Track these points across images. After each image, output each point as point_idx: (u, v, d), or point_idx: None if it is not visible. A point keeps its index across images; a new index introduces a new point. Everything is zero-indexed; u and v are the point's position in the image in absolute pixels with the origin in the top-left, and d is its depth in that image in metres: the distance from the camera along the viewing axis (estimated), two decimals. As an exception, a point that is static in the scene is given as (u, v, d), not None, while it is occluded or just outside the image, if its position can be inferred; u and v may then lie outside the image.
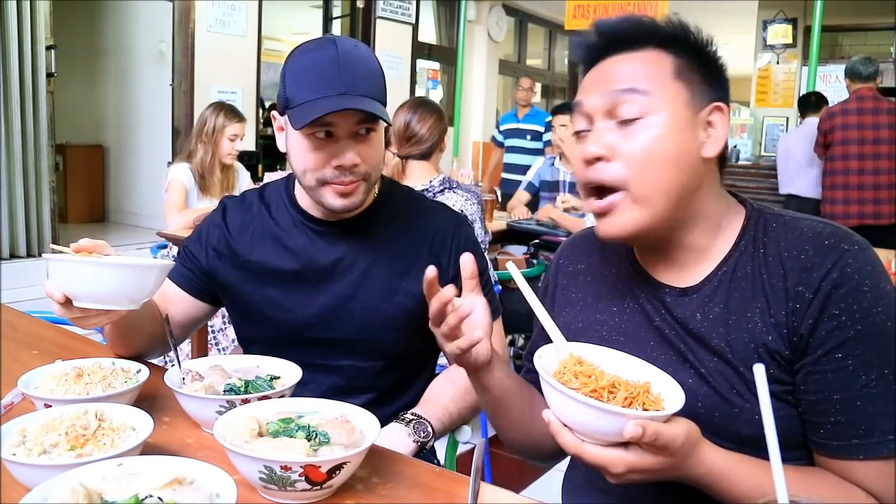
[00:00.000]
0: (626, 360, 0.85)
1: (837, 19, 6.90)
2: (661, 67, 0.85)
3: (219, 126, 3.14)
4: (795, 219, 0.88)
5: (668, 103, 0.84)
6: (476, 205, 2.48)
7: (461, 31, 5.61)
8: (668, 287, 0.91)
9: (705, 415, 0.86)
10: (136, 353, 1.21)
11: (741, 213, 0.91)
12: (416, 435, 1.13)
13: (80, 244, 1.00)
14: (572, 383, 0.77)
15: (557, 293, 1.05)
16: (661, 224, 0.86)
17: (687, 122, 0.85)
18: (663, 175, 0.83)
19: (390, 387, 1.26)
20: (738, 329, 0.85)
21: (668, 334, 0.90)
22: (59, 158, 5.19)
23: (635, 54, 0.87)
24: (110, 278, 0.95)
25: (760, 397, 0.64)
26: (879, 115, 4.11)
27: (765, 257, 0.86)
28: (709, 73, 0.88)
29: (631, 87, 0.84)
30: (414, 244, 1.23)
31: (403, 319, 1.22)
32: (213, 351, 2.83)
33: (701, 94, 0.87)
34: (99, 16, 5.66)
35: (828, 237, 0.84)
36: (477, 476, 0.77)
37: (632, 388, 0.77)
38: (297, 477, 0.75)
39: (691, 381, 0.87)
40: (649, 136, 0.83)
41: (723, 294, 0.87)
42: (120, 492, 0.69)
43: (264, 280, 1.24)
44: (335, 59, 1.09)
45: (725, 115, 0.88)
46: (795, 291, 0.82)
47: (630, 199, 0.84)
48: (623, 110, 0.84)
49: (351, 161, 1.11)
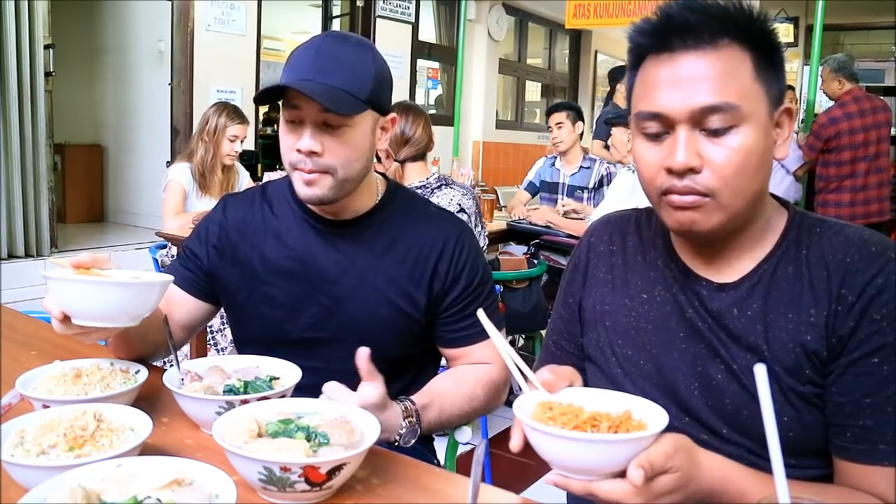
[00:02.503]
0: (603, 394, 0.84)
1: (839, 18, 6.89)
2: (742, 70, 0.81)
3: (220, 126, 3.15)
4: (840, 224, 0.89)
5: (754, 111, 0.81)
6: (471, 200, 2.58)
7: (461, 30, 5.61)
8: (706, 281, 0.91)
9: (732, 412, 0.86)
10: (139, 357, 1.20)
11: (784, 215, 0.91)
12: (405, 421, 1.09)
13: (80, 260, 0.98)
14: (552, 425, 0.75)
15: (588, 272, 1.04)
16: (735, 223, 0.86)
17: (768, 128, 0.83)
18: (750, 184, 0.83)
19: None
20: (776, 328, 0.85)
21: (700, 327, 0.90)
22: (58, 158, 5.17)
23: (712, 52, 0.81)
24: (109, 297, 0.94)
25: (761, 397, 0.64)
26: (877, 114, 4.21)
27: (807, 259, 0.86)
28: (776, 66, 0.84)
29: (724, 100, 0.80)
30: (415, 248, 1.23)
31: (401, 323, 1.22)
32: (212, 351, 2.83)
33: (775, 93, 0.84)
34: (97, 15, 5.65)
35: (875, 244, 0.84)
36: (477, 477, 0.77)
37: (613, 418, 0.77)
38: (297, 478, 0.75)
39: (720, 377, 0.88)
40: (739, 149, 0.81)
41: (761, 292, 0.87)
42: (119, 493, 0.68)
43: (263, 277, 1.23)
44: (316, 49, 1.12)
45: (792, 117, 0.87)
46: (839, 294, 0.82)
47: (715, 204, 0.83)
48: (712, 122, 0.80)
49: (307, 147, 1.11)
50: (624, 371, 0.96)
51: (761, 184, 0.85)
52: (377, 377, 1.01)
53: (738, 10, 0.82)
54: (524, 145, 8.15)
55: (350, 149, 1.14)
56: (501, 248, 3.72)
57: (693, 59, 0.81)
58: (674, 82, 0.82)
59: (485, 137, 7.57)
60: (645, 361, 0.94)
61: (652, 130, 0.84)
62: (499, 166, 7.72)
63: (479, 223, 2.64)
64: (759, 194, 0.86)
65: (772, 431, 0.62)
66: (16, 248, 4.10)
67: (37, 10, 4.08)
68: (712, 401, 0.89)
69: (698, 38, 0.81)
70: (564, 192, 3.83)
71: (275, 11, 6.66)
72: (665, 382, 0.92)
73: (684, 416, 0.91)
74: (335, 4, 6.71)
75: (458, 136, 5.63)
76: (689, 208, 0.83)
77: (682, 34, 0.82)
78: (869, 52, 8.53)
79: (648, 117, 0.84)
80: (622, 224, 1.04)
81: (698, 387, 0.90)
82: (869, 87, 4.81)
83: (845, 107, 4.23)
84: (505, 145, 7.89)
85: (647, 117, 0.84)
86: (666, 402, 0.89)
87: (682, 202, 0.83)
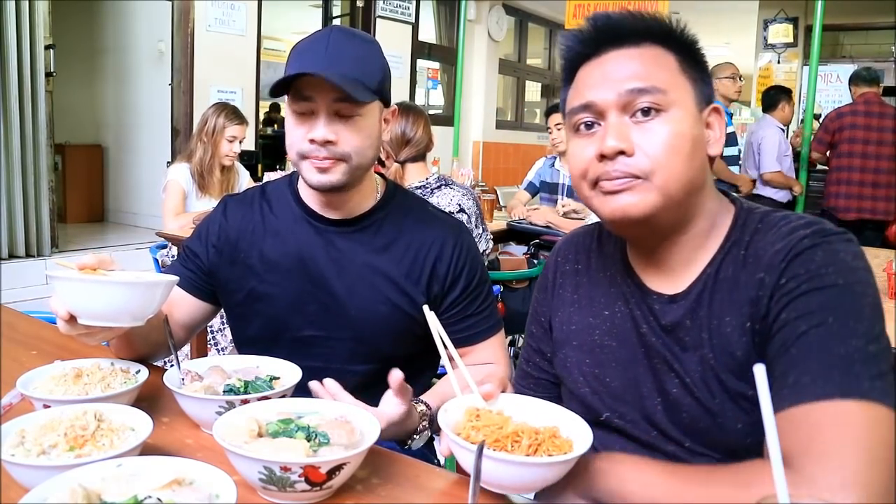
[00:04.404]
0: (537, 405, 0.87)
1: (838, 18, 6.89)
2: (666, 63, 0.86)
3: (219, 127, 3.15)
4: (777, 217, 0.86)
5: (681, 99, 0.84)
6: (471, 200, 2.59)
7: (461, 30, 5.61)
8: (657, 294, 0.90)
9: (689, 425, 0.85)
10: (140, 357, 1.20)
11: (731, 214, 0.90)
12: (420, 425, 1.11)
13: (85, 261, 0.99)
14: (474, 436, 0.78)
15: (554, 292, 1.04)
16: (673, 213, 0.85)
17: (697, 119, 0.85)
18: (684, 169, 0.83)
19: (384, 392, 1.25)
20: (718, 334, 0.83)
21: (653, 342, 0.89)
22: (58, 158, 5.18)
23: (636, 49, 0.86)
24: (114, 296, 0.95)
25: (760, 397, 0.63)
26: (884, 118, 4.51)
27: (745, 259, 0.84)
28: (700, 72, 0.88)
29: (650, 84, 0.83)
30: (413, 248, 1.23)
31: (399, 322, 1.22)
32: (212, 351, 2.83)
33: (700, 92, 0.87)
34: (98, 15, 5.65)
35: (800, 228, 0.82)
36: (477, 476, 0.77)
37: (537, 434, 0.78)
38: (297, 478, 0.75)
39: (676, 392, 0.86)
40: (669, 131, 0.82)
41: (706, 298, 0.86)
42: (119, 492, 0.68)
43: (262, 275, 1.24)
44: (326, 40, 1.12)
45: (722, 117, 0.89)
46: (758, 280, 0.81)
47: (648, 185, 0.83)
48: (640, 103, 0.83)
49: (322, 136, 1.11)
50: (592, 390, 0.95)
51: (697, 173, 0.84)
52: (407, 394, 1.02)
53: (658, 20, 0.88)
54: (524, 145, 8.15)
55: (363, 136, 1.15)
56: (501, 248, 3.72)
57: (619, 56, 0.86)
58: (602, 76, 0.86)
59: (485, 137, 7.57)
60: (612, 379, 0.93)
61: (583, 121, 0.87)
62: (499, 166, 7.72)
63: (480, 224, 2.63)
64: (695, 184, 0.85)
65: (772, 432, 0.62)
66: (16, 248, 4.10)
67: (37, 11, 4.08)
68: (672, 414, 0.87)
69: (623, 40, 0.87)
70: (564, 193, 3.83)
71: (275, 11, 6.66)
72: (633, 398, 0.91)
73: (652, 429, 0.89)
74: (335, 5, 6.72)
75: (458, 136, 5.63)
76: (621, 191, 0.84)
77: (609, 38, 0.87)
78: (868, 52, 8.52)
79: (580, 109, 0.87)
80: (585, 240, 1.04)
81: (660, 401, 0.88)
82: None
83: (855, 105, 4.59)
84: (505, 145, 7.90)
85: (578, 110, 0.87)
86: (636, 418, 0.90)
87: (612, 187, 0.84)
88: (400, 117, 2.56)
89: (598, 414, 0.94)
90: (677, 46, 0.87)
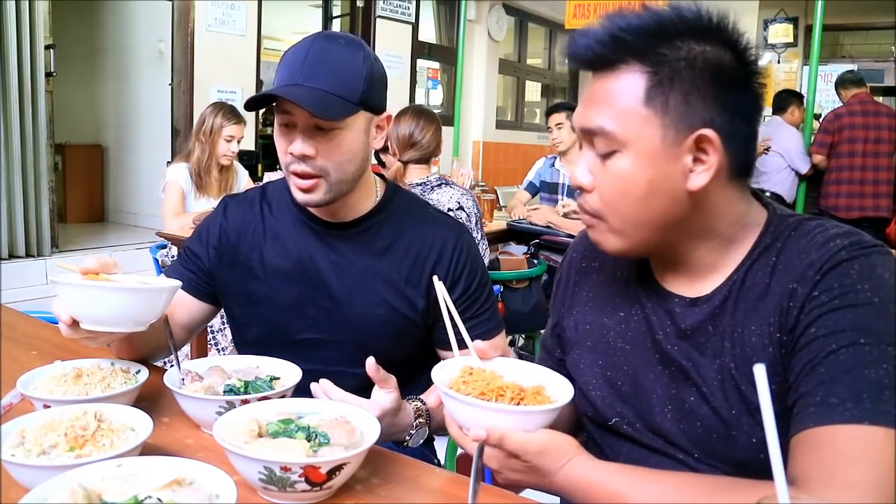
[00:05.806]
0: (530, 367, 0.89)
1: (838, 18, 6.90)
2: (632, 95, 0.79)
3: (216, 126, 3.14)
4: (812, 225, 0.83)
5: (637, 138, 0.79)
6: (471, 200, 2.62)
7: (461, 30, 5.60)
8: (678, 297, 0.88)
9: (703, 435, 0.83)
10: (141, 358, 1.20)
11: (761, 222, 0.86)
12: (415, 421, 1.10)
13: (88, 265, 0.99)
14: (464, 388, 0.82)
15: (569, 290, 1.03)
16: (645, 248, 0.85)
17: (660, 155, 0.79)
18: (634, 210, 0.81)
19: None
20: (741, 343, 0.81)
21: (668, 350, 0.87)
22: (59, 158, 5.18)
23: (605, 79, 0.81)
24: (118, 302, 0.95)
25: (760, 397, 0.63)
26: (879, 116, 4.59)
27: (775, 266, 0.81)
28: (699, 87, 0.78)
29: (598, 125, 0.81)
30: (413, 250, 1.23)
31: (399, 325, 1.22)
32: (212, 351, 2.83)
33: (684, 116, 0.78)
34: (98, 15, 5.65)
35: (836, 238, 0.79)
36: (477, 476, 0.77)
37: (521, 391, 0.80)
38: (297, 478, 0.75)
39: (693, 400, 0.84)
40: (618, 175, 0.81)
41: (731, 305, 0.83)
42: (119, 493, 0.68)
43: (262, 278, 1.24)
44: (305, 52, 1.12)
45: (715, 144, 0.78)
46: (790, 290, 0.78)
47: (606, 226, 0.84)
48: (597, 144, 0.82)
49: (299, 151, 1.12)
50: (603, 393, 0.93)
51: (660, 212, 0.80)
52: (391, 382, 1.02)
53: (638, 32, 0.79)
54: (524, 145, 8.14)
55: (342, 151, 1.14)
56: (501, 248, 3.72)
57: (592, 85, 0.84)
58: (583, 102, 0.85)
59: (485, 137, 7.56)
60: (622, 382, 0.92)
61: (581, 137, 0.87)
62: (499, 166, 7.72)
63: (477, 228, 2.63)
64: (663, 220, 0.81)
65: (771, 432, 0.62)
66: (16, 248, 4.10)
67: (37, 11, 4.08)
68: (685, 423, 0.85)
69: (600, 62, 0.82)
70: (564, 193, 3.83)
71: (275, 11, 6.65)
72: (640, 404, 0.89)
73: (658, 438, 0.87)
74: (335, 4, 6.71)
75: (458, 136, 5.63)
76: (590, 226, 0.86)
77: (584, 65, 0.84)
78: (868, 52, 8.52)
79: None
80: None
81: (671, 409, 0.86)
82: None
83: (850, 106, 4.64)
84: (505, 145, 7.89)
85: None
86: (642, 425, 0.89)
87: (583, 219, 0.87)
88: (411, 119, 2.62)
89: (606, 418, 0.92)
90: (662, 64, 0.78)
